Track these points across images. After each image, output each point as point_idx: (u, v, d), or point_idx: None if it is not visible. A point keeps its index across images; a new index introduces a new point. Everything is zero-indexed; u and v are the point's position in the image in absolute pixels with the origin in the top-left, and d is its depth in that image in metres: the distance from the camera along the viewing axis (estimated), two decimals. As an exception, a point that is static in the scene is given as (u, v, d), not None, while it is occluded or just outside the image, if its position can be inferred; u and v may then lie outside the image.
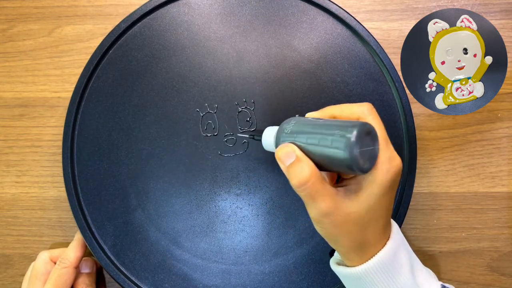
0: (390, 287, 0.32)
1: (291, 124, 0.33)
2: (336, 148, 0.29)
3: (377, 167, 0.30)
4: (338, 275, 0.36)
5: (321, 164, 0.31)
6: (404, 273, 0.33)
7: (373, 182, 0.31)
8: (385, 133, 0.32)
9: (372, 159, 0.30)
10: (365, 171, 0.29)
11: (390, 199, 0.32)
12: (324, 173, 0.34)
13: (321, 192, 0.31)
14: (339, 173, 0.35)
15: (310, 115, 0.35)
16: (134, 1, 0.48)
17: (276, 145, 0.34)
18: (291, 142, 0.32)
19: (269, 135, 0.36)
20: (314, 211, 0.31)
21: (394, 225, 0.35)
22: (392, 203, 0.33)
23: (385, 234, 0.33)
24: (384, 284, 0.32)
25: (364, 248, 0.33)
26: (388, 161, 0.30)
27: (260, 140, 0.37)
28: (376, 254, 0.32)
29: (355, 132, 0.28)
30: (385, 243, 0.33)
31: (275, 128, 0.36)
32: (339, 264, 0.36)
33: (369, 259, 0.33)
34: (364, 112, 0.32)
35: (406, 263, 0.33)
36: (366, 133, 0.29)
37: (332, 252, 0.42)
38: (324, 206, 0.31)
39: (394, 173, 0.31)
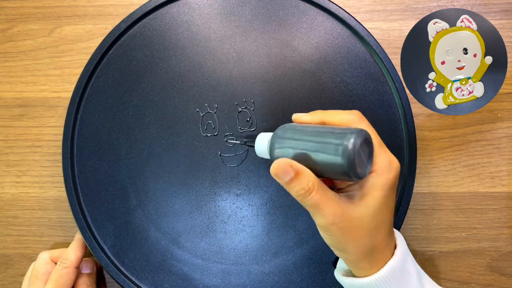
0: None
1: (286, 130, 0.33)
2: (334, 155, 0.29)
3: (377, 171, 0.31)
4: (345, 286, 0.35)
5: (318, 171, 0.31)
6: (414, 282, 0.33)
7: (375, 186, 0.31)
8: (379, 138, 0.32)
9: (367, 165, 0.30)
10: (361, 177, 0.30)
11: (392, 201, 0.32)
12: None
13: (325, 200, 0.30)
14: (335, 180, 0.34)
15: (298, 116, 0.34)
16: (134, 1, 0.48)
17: (270, 152, 0.34)
18: (283, 157, 0.32)
19: (262, 142, 0.35)
20: (321, 219, 0.31)
21: (397, 232, 0.35)
22: (394, 204, 0.33)
23: (391, 239, 0.33)
24: None
25: (373, 254, 0.32)
26: (387, 164, 0.31)
27: (253, 147, 0.37)
28: (387, 262, 0.32)
29: (352, 140, 0.28)
30: (393, 251, 0.33)
31: (269, 134, 0.35)
32: (345, 275, 0.35)
33: (380, 266, 0.32)
34: (354, 119, 0.32)
35: (414, 271, 0.33)
36: (363, 140, 0.29)
37: (335, 262, 0.42)
38: (330, 213, 0.30)
39: (394, 176, 0.31)
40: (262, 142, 0.35)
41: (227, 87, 0.44)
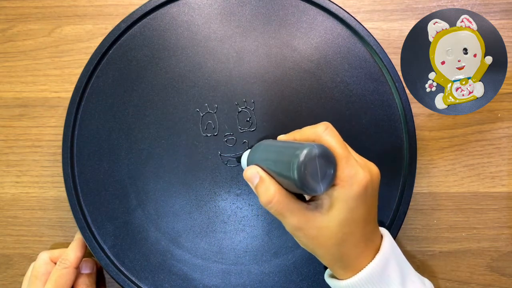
0: None
1: (255, 149, 0.36)
2: (287, 170, 0.29)
3: (340, 184, 0.31)
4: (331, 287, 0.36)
5: (283, 185, 0.32)
6: (394, 286, 0.33)
7: (339, 199, 0.31)
8: (345, 150, 0.31)
9: (327, 179, 0.30)
10: (318, 191, 0.29)
11: (363, 212, 0.32)
12: None
13: (288, 207, 0.31)
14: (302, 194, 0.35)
15: (279, 138, 0.36)
16: (134, 1, 0.48)
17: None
18: (256, 165, 0.34)
19: (244, 159, 0.38)
20: (286, 226, 0.33)
21: (386, 236, 0.35)
22: (369, 215, 0.32)
23: (368, 247, 0.33)
24: None
25: (346, 262, 0.33)
26: (348, 178, 0.30)
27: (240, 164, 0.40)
28: (363, 268, 0.32)
29: (302, 154, 0.28)
30: (373, 256, 0.33)
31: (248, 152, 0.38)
32: (331, 276, 0.36)
33: (355, 272, 0.33)
34: (317, 132, 0.32)
35: (396, 276, 0.33)
36: (317, 154, 0.29)
37: None
38: (294, 220, 0.32)
39: (358, 189, 0.31)
40: (243, 160, 0.39)
41: (227, 87, 0.44)
